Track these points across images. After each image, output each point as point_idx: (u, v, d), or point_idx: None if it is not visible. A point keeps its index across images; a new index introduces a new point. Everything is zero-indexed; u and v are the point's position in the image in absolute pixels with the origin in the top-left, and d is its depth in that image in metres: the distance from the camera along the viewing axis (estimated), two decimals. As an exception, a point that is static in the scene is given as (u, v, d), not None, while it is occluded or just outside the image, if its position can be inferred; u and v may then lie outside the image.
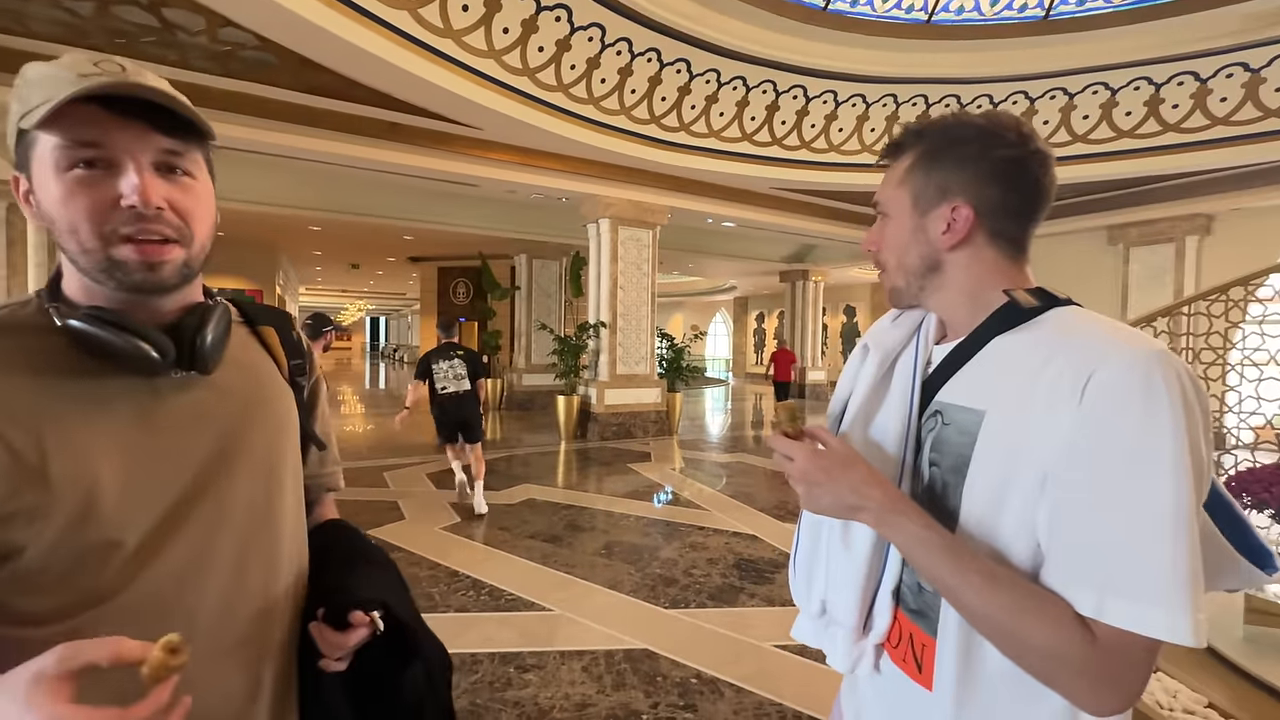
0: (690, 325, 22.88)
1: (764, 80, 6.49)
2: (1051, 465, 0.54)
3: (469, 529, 4.22)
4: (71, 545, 0.55)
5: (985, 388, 0.62)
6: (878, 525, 0.60)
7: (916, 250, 0.68)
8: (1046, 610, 0.52)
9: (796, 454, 0.63)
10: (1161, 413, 0.50)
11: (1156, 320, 3.54)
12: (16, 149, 0.59)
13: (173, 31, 4.32)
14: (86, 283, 0.60)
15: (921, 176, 0.67)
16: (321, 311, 3.43)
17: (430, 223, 9.24)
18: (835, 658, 0.73)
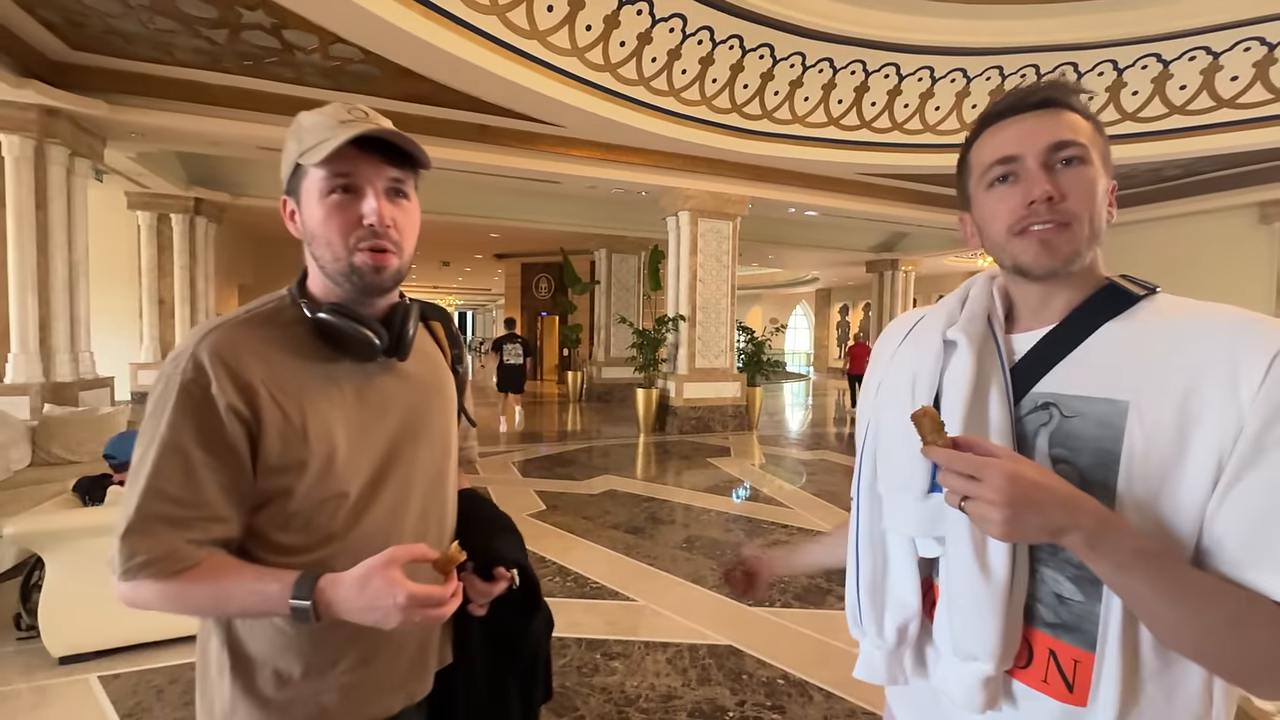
0: (769, 318, 22.34)
1: (853, 61, 6.18)
2: (1230, 450, 0.51)
3: (555, 517, 4.36)
4: (317, 494, 0.71)
5: (1119, 376, 0.58)
6: (1090, 545, 0.51)
7: (1102, 214, 0.63)
8: (1262, 613, 0.50)
9: (989, 473, 0.51)
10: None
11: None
12: (290, 179, 0.74)
13: (291, 51, 4.72)
14: (329, 284, 0.75)
15: (1103, 140, 0.63)
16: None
17: (515, 220, 9.60)
18: (967, 696, 0.64)
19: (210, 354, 0.66)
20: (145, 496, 0.64)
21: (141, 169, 6.86)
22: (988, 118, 0.66)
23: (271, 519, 0.70)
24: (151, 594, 0.65)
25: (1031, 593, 0.63)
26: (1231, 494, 0.51)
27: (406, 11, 4.07)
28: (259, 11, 4.13)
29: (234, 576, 0.66)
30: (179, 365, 0.66)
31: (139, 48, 4.71)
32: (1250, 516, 0.51)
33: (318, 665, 0.72)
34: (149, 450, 0.65)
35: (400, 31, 4.11)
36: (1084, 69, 6.19)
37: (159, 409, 0.66)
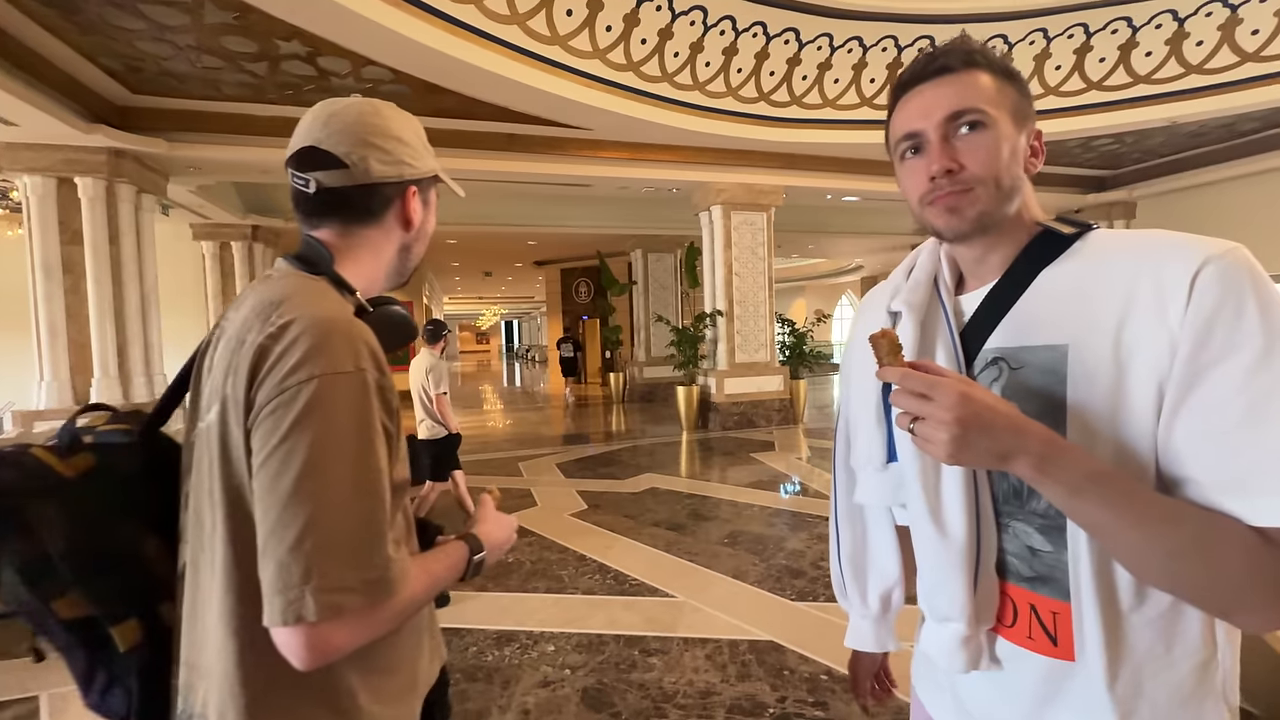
0: (814, 310, 21.88)
1: (884, 37, 5.97)
2: (1167, 375, 0.51)
3: (596, 515, 4.38)
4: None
5: (1057, 320, 0.58)
6: (1038, 469, 0.50)
7: (1013, 170, 0.61)
8: (1228, 533, 0.48)
9: (940, 392, 0.50)
10: (1275, 304, 0.48)
11: None
12: (426, 179, 0.80)
13: (326, 78, 4.94)
14: (376, 283, 0.79)
15: (1015, 95, 0.62)
16: (437, 319, 3.90)
17: (550, 226, 9.73)
18: (949, 658, 0.64)
19: (371, 345, 0.65)
20: (385, 505, 0.61)
21: (202, 201, 7.32)
22: (896, 89, 0.66)
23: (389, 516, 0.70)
24: (394, 612, 0.61)
25: (1005, 548, 0.63)
26: (1178, 419, 0.51)
27: (431, 29, 4.19)
28: (294, 42, 4.34)
29: (430, 561, 0.70)
30: (359, 358, 0.62)
31: (191, 86, 5.03)
32: (1200, 439, 0.50)
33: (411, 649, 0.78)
34: (370, 453, 0.60)
35: (426, 49, 4.24)
36: (1139, 23, 5.76)
37: (357, 406, 0.60)
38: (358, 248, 0.75)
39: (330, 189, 0.71)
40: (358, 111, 0.72)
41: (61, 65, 4.41)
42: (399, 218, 0.77)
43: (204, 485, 0.65)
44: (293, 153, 0.71)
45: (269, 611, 0.55)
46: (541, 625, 2.73)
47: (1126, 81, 6.23)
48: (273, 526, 0.56)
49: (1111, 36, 5.91)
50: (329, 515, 0.56)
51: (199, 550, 0.65)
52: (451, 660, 2.44)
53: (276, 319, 0.62)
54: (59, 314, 5.16)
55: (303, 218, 0.75)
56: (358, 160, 0.70)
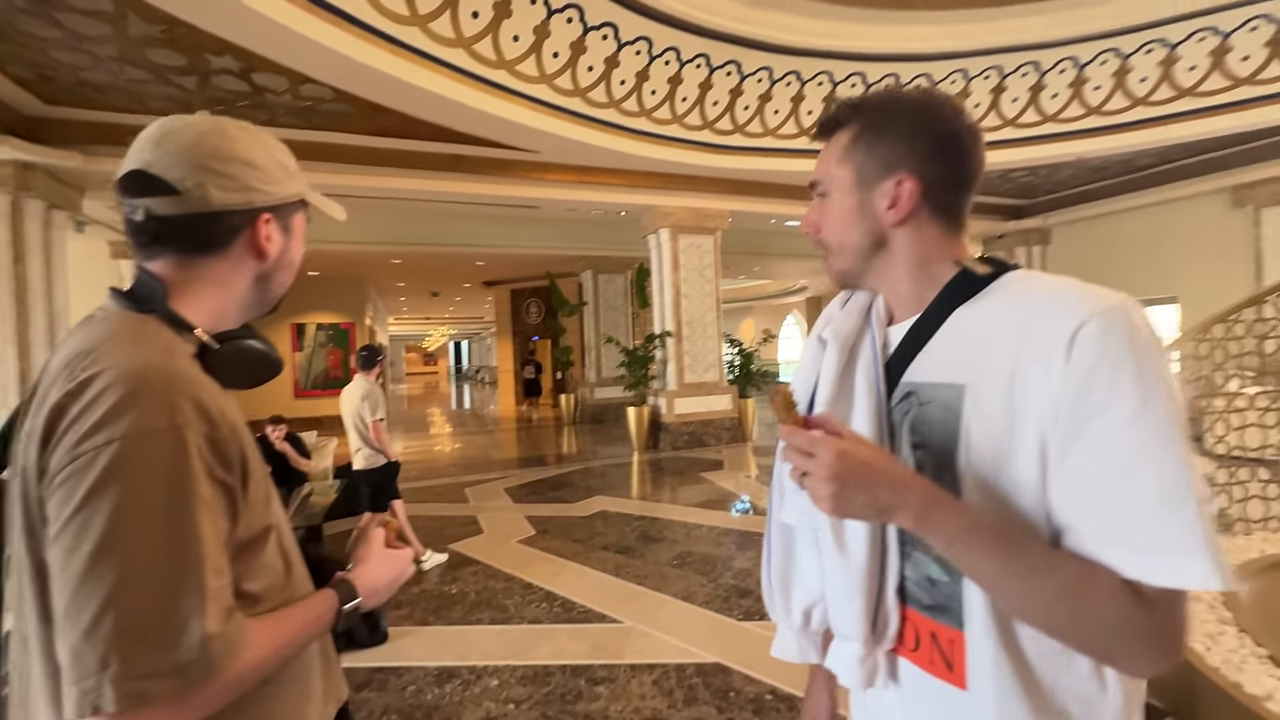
0: (761, 329, 22.41)
1: (819, 72, 6.29)
2: (1048, 427, 0.52)
3: (544, 541, 4.30)
4: (261, 528, 0.70)
5: (960, 361, 0.60)
6: (918, 523, 0.53)
7: (861, 228, 0.65)
8: (1100, 584, 0.50)
9: (821, 450, 0.53)
10: (1150, 362, 0.50)
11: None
12: (287, 205, 0.75)
13: (262, 94, 4.78)
14: (229, 315, 0.73)
15: (864, 152, 0.65)
16: (371, 344, 3.73)
17: (499, 247, 9.65)
18: (846, 674, 0.66)
19: (194, 396, 0.59)
20: (210, 574, 0.55)
21: (120, 218, 6.89)
22: None
23: (244, 568, 0.64)
24: (223, 688, 0.55)
25: (907, 576, 0.65)
26: (1059, 472, 0.52)
27: (374, 49, 4.13)
28: (226, 57, 4.19)
29: (283, 621, 0.64)
30: (175, 413, 0.57)
31: (112, 98, 4.76)
32: (1078, 492, 0.51)
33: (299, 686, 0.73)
34: (183, 521, 0.55)
35: (368, 69, 4.17)
36: (1045, 67, 6.30)
37: (167, 469, 0.55)
38: (198, 280, 0.68)
39: (161, 218, 0.64)
40: (197, 132, 0.66)
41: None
42: (249, 248, 0.70)
43: (17, 551, 0.59)
44: (120, 175, 0.65)
45: (66, 703, 0.50)
46: (485, 659, 2.64)
47: (1037, 120, 6.78)
48: (66, 608, 0.51)
49: (1022, 79, 6.43)
50: (130, 594, 0.51)
51: (24, 620, 0.59)
52: (389, 701, 2.33)
53: (81, 372, 0.56)
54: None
55: (135, 248, 0.67)
56: (193, 186, 0.64)
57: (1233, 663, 1.78)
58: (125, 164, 0.65)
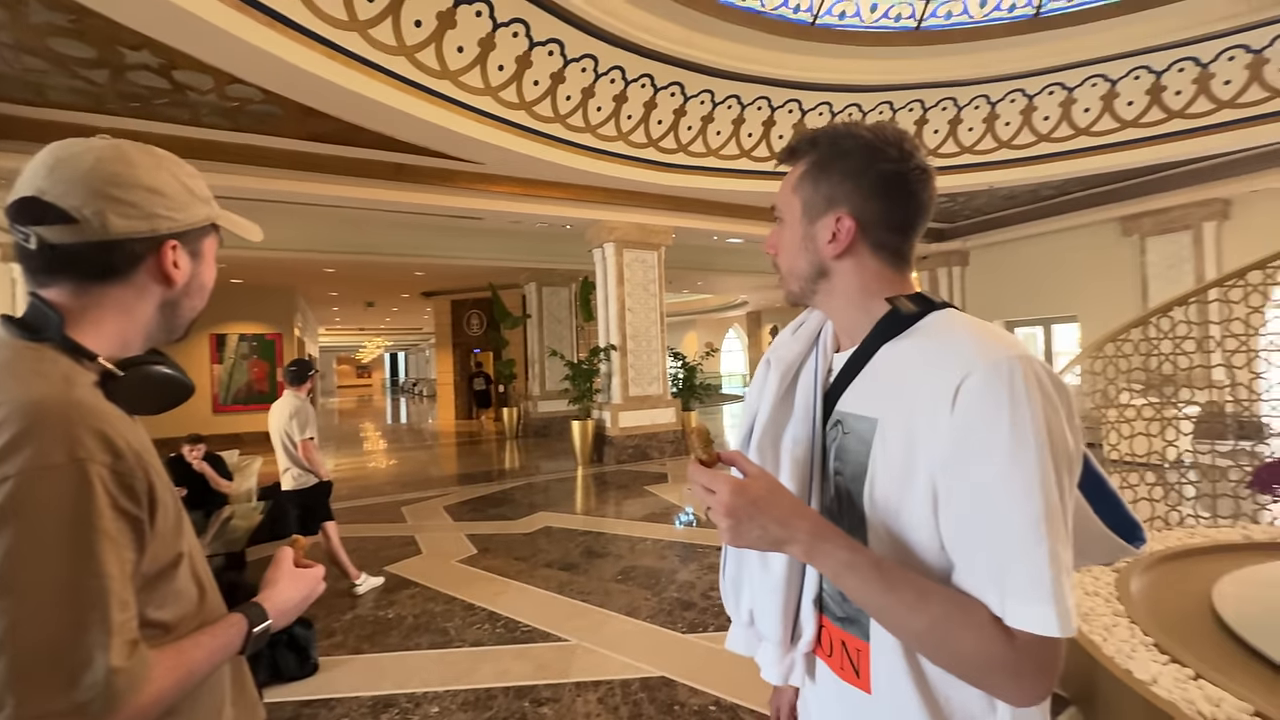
0: (704, 342, 22.83)
1: (759, 97, 6.55)
2: (937, 471, 0.56)
3: (486, 560, 4.20)
4: (171, 557, 0.69)
5: (877, 396, 0.64)
6: (806, 557, 0.58)
7: (805, 257, 0.69)
8: (971, 618, 0.53)
9: (719, 487, 0.58)
10: (1026, 416, 0.52)
11: (1174, 310, 3.44)
12: (197, 230, 0.74)
13: (183, 92, 4.51)
14: (135, 341, 0.71)
15: (810, 185, 0.68)
16: (301, 358, 3.56)
17: (440, 257, 9.43)
18: (767, 669, 0.74)
19: (96, 428, 0.58)
20: (115, 608, 0.54)
21: (15, 217, 6.29)
22: None
23: (152, 597, 0.63)
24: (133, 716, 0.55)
25: (825, 589, 0.70)
26: (942, 513, 0.57)
27: (309, 52, 3.99)
28: (145, 52, 3.94)
29: (188, 650, 0.63)
30: (75, 447, 0.56)
31: (7, 88, 4.36)
32: (956, 533, 0.56)
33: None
34: (85, 557, 0.54)
35: (302, 72, 4.02)
36: (962, 103, 6.81)
37: (69, 504, 0.54)
38: (98, 308, 0.66)
39: (56, 246, 0.62)
40: (95, 158, 0.63)
41: None
42: (154, 274, 0.69)
43: None
44: (10, 201, 0.62)
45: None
46: (424, 685, 2.55)
47: (956, 150, 7.31)
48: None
49: (942, 113, 6.93)
50: (27, 634, 0.50)
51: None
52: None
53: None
54: None
55: (28, 275, 0.65)
56: (91, 215, 0.62)
57: (1124, 651, 1.96)
58: (16, 190, 0.63)
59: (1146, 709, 1.69)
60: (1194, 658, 1.87)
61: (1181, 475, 3.48)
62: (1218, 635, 2.05)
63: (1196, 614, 2.21)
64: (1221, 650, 1.95)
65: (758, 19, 5.60)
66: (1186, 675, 1.79)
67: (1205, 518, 3.44)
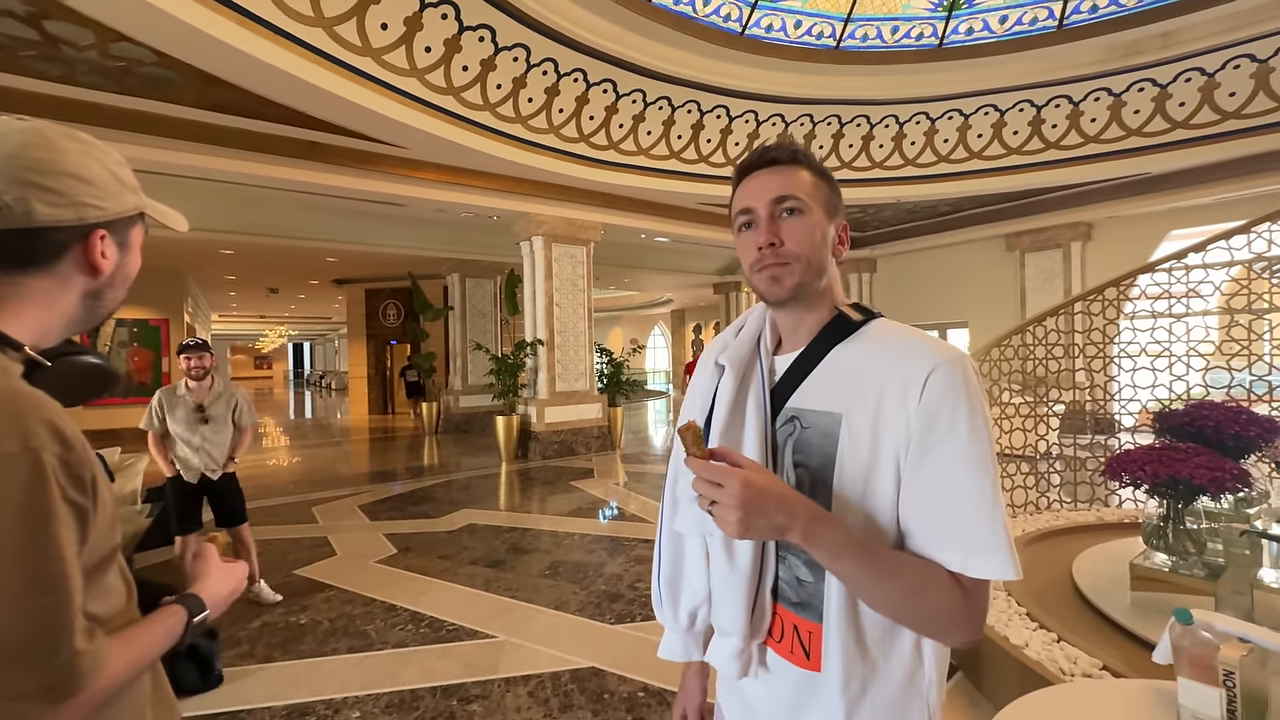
0: (629, 339, 23.00)
1: (688, 100, 6.71)
2: (902, 452, 0.65)
3: (407, 560, 4.06)
4: (107, 550, 0.70)
5: (838, 393, 0.70)
6: (805, 539, 0.62)
7: (823, 252, 0.74)
8: (936, 577, 0.63)
9: (728, 481, 0.61)
10: (977, 402, 0.64)
11: (1047, 320, 3.90)
12: (125, 220, 0.72)
13: (56, 46, 4.01)
14: (57, 330, 0.69)
15: (826, 189, 0.75)
16: (188, 340, 3.28)
17: (355, 244, 8.92)
18: (725, 666, 0.75)
19: (46, 418, 0.57)
20: (75, 593, 0.56)
21: None
22: (738, 172, 0.78)
23: (89, 590, 0.63)
24: (87, 702, 0.57)
25: (780, 577, 0.75)
26: (909, 488, 0.65)
27: (205, 12, 3.66)
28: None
29: (133, 637, 0.64)
30: (28, 436, 0.55)
31: None
32: (922, 504, 0.65)
33: None
34: (45, 543, 0.55)
35: (198, 33, 3.68)
36: (874, 120, 7.32)
37: (24, 492, 0.54)
38: (19, 299, 0.64)
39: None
40: (17, 143, 0.62)
41: None
42: (79, 264, 0.67)
43: None
44: None
45: None
46: (344, 690, 2.46)
47: (868, 165, 7.84)
48: None
49: (856, 129, 7.41)
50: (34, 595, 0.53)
51: None
52: (226, 751, 2.08)
53: None
54: None
55: None
56: (13, 202, 0.60)
57: (1002, 620, 2.23)
58: None
59: (1020, 669, 1.94)
60: (1057, 623, 2.16)
61: (1050, 466, 3.97)
62: (1076, 603, 2.37)
63: (1060, 585, 2.54)
64: (1080, 616, 2.26)
65: (689, 24, 5.73)
66: (1051, 638, 2.07)
67: (1068, 502, 3.94)
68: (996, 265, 9.85)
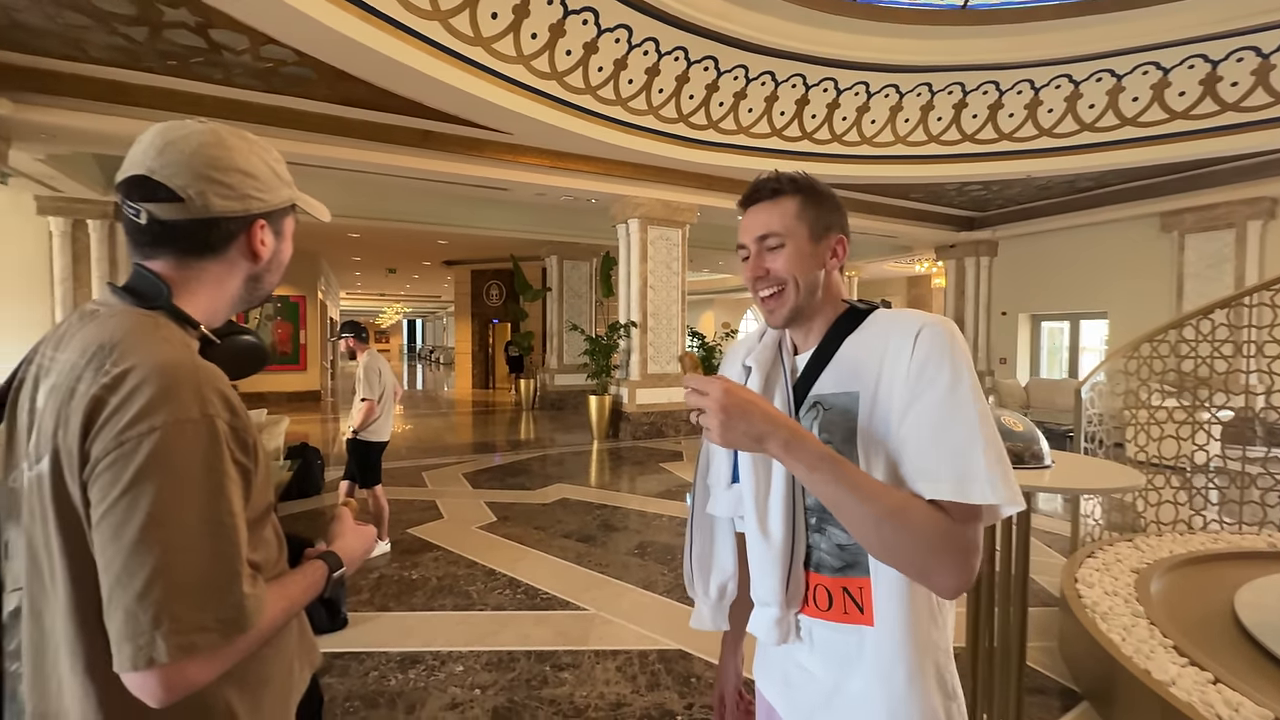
0: (721, 323, 22.72)
1: (793, 74, 6.40)
2: (901, 401, 0.72)
3: (505, 528, 4.30)
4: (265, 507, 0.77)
5: (852, 374, 0.79)
6: (785, 450, 0.67)
7: (813, 272, 0.83)
8: (917, 504, 0.68)
9: (712, 388, 0.67)
10: (964, 354, 0.72)
11: (1215, 313, 3.37)
12: (280, 210, 0.79)
13: (219, 51, 4.52)
14: (222, 311, 0.78)
15: (814, 214, 0.83)
16: (350, 319, 3.67)
17: (463, 227, 9.44)
18: (765, 634, 0.83)
19: (218, 388, 0.64)
20: (242, 543, 0.62)
21: (53, 171, 6.39)
22: (740, 206, 0.88)
23: (250, 540, 0.69)
24: (251, 641, 0.63)
25: (820, 548, 0.81)
26: (898, 431, 0.72)
27: (341, 13, 3.97)
28: (182, 9, 3.94)
29: (287, 586, 0.71)
30: (205, 404, 0.62)
31: (47, 43, 4.40)
32: (909, 441, 0.71)
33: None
34: (219, 497, 0.61)
35: (335, 34, 4.00)
36: (1005, 87, 6.60)
37: (203, 452, 0.60)
38: (195, 280, 0.72)
39: (163, 222, 0.68)
40: (198, 142, 0.69)
41: (-127, 1, 3.71)
42: (244, 251, 0.75)
43: (39, 533, 0.63)
44: (122, 179, 0.69)
45: (118, 658, 0.56)
46: (449, 645, 2.65)
47: (993, 137, 7.11)
48: (118, 576, 0.56)
49: (983, 97, 6.72)
50: (178, 561, 0.57)
51: (39, 599, 0.64)
52: (351, 687, 2.32)
53: (111, 366, 0.60)
54: None
55: (134, 247, 0.71)
56: (195, 195, 0.68)
57: (1143, 652, 1.98)
58: (127, 168, 0.69)
59: (1164, 709, 1.71)
60: (1213, 661, 1.89)
61: (1208, 480, 3.44)
62: (1238, 641, 2.06)
63: (1217, 619, 2.21)
64: (1242, 656, 1.96)
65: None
66: (1206, 679, 1.81)
67: (1230, 523, 3.42)
68: (1147, 248, 8.63)
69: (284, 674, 0.76)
